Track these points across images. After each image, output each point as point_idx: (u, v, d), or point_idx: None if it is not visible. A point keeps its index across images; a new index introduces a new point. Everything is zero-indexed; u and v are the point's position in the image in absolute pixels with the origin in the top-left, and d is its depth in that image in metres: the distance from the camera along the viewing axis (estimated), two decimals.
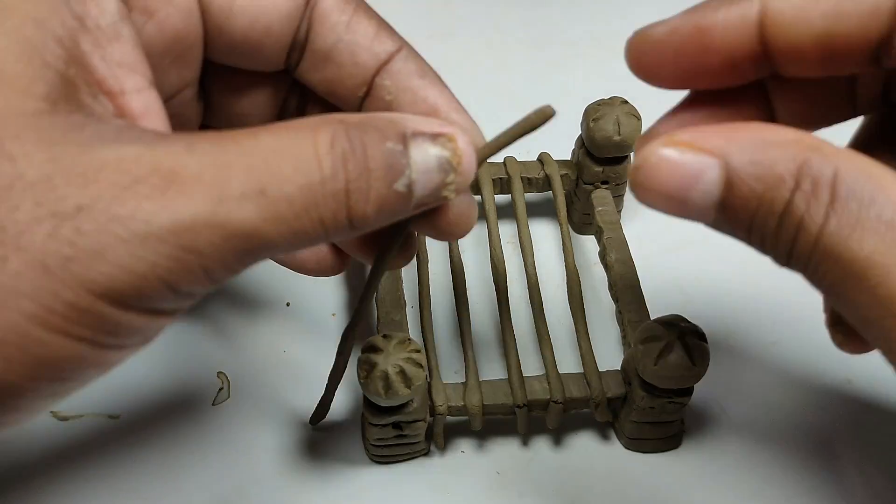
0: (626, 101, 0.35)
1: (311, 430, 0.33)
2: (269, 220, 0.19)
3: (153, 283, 0.18)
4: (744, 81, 0.22)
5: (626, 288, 0.33)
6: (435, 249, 0.37)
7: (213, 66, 0.25)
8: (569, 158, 0.38)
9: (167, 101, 0.24)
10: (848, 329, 0.26)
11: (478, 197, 0.37)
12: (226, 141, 0.19)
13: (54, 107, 0.18)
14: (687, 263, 0.38)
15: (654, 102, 0.41)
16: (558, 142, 0.39)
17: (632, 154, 0.36)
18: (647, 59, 0.24)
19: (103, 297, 0.17)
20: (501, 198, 0.38)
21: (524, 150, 0.40)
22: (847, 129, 0.26)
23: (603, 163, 0.36)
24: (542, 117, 0.24)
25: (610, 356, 0.35)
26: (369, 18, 0.25)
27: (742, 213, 0.20)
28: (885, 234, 0.18)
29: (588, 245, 0.39)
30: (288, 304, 0.36)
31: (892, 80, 0.23)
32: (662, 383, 0.29)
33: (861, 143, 0.25)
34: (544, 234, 0.39)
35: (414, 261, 0.34)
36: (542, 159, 0.37)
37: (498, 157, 0.38)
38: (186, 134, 0.19)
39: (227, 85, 0.26)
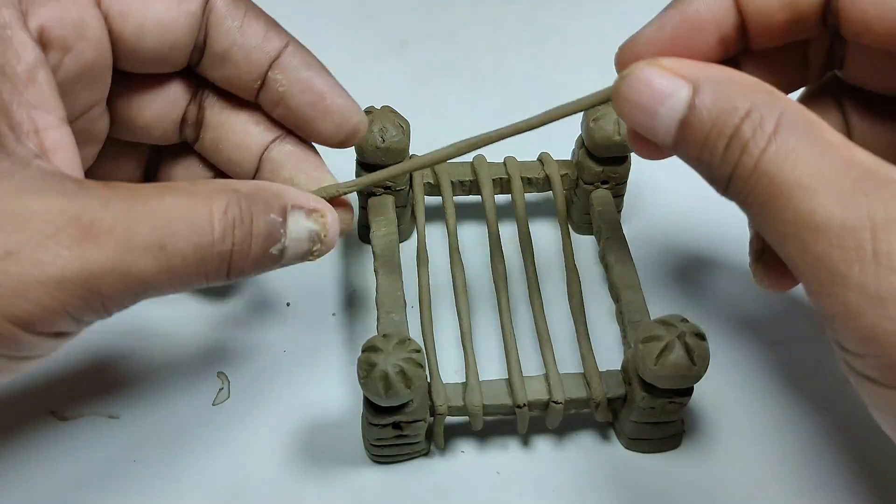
0: None
1: (311, 430, 0.33)
2: (163, 271, 0.22)
3: (62, 315, 0.21)
4: (726, 57, 0.26)
5: (626, 288, 0.33)
6: (435, 250, 0.37)
7: (118, 75, 0.27)
8: (569, 158, 0.38)
9: (77, 118, 0.26)
10: (769, 262, 0.28)
11: (478, 197, 0.37)
12: (136, 199, 0.22)
13: None
14: (687, 263, 0.38)
15: None
16: (558, 142, 0.39)
17: (631, 154, 0.36)
18: (644, 56, 0.25)
19: (19, 325, 0.21)
20: (501, 198, 0.38)
21: (524, 150, 0.40)
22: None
23: (603, 163, 0.36)
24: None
25: (610, 356, 0.35)
26: (258, 19, 0.28)
27: (697, 134, 0.23)
28: (813, 162, 0.21)
29: (588, 245, 0.39)
30: (288, 304, 0.36)
31: (832, 51, 0.27)
32: (662, 383, 0.29)
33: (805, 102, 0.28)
34: (544, 234, 0.39)
35: (414, 261, 0.34)
36: (542, 159, 0.37)
37: (498, 157, 0.38)
38: (102, 186, 0.22)
39: (131, 93, 0.29)
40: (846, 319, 0.22)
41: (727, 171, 0.23)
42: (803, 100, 0.29)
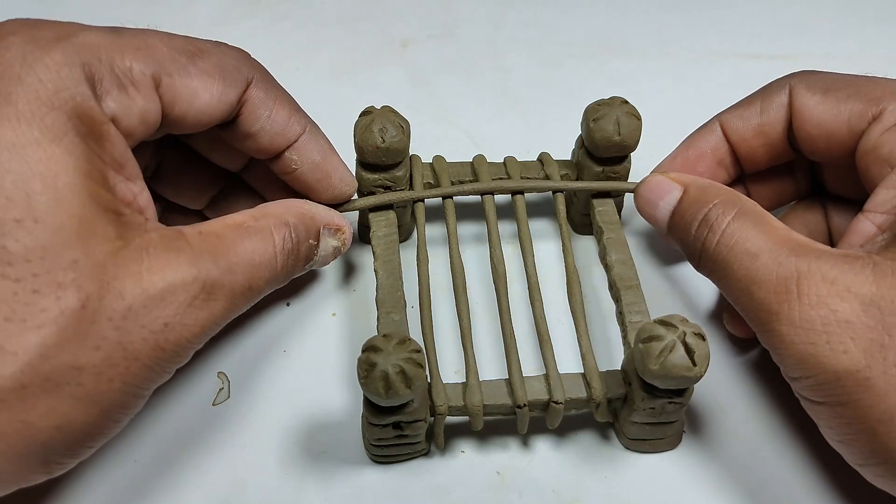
0: (626, 102, 0.35)
1: (311, 430, 0.33)
2: (249, 304, 0.29)
3: (199, 346, 0.27)
4: (729, 179, 0.36)
5: (626, 288, 0.34)
6: (435, 250, 0.37)
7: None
8: (569, 158, 0.38)
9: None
10: (733, 314, 0.35)
11: (478, 197, 0.37)
12: (227, 248, 0.27)
13: (123, 240, 0.25)
14: (687, 263, 0.38)
15: (653, 103, 0.41)
16: (558, 142, 0.39)
17: (631, 154, 0.36)
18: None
19: (167, 374, 0.27)
20: (501, 198, 0.38)
21: (524, 150, 0.40)
22: None
23: (603, 163, 0.36)
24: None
25: (610, 356, 0.35)
26: (284, 107, 0.32)
27: (681, 219, 0.32)
28: (759, 238, 0.29)
29: (588, 245, 0.39)
30: (288, 304, 0.36)
31: (812, 168, 0.37)
32: (663, 383, 0.29)
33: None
34: (544, 234, 0.39)
35: (414, 261, 0.34)
36: (542, 159, 0.37)
37: (498, 157, 0.38)
38: (201, 237, 0.27)
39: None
40: (782, 348, 0.28)
41: (698, 247, 0.31)
42: (795, 205, 0.37)
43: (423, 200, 0.36)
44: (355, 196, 0.35)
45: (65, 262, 0.24)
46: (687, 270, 0.38)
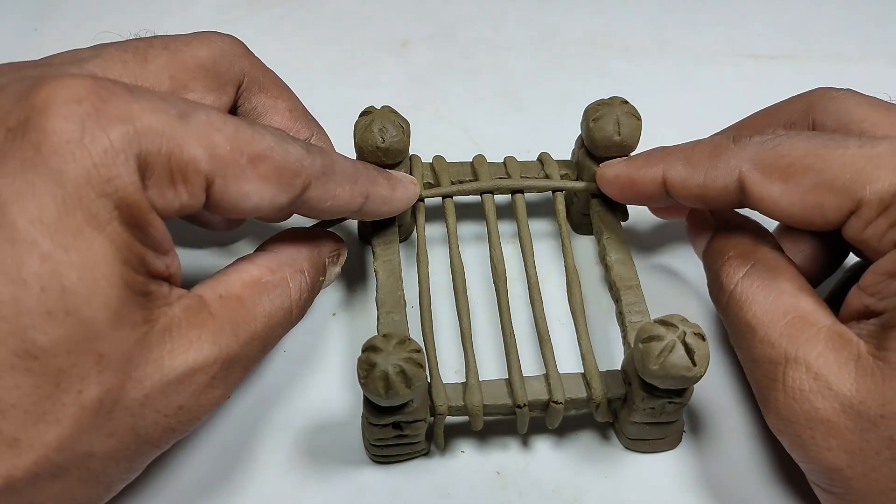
0: (626, 102, 0.35)
1: (311, 430, 0.33)
2: (259, 359, 0.29)
3: (210, 415, 0.27)
4: (663, 206, 0.36)
5: (626, 288, 0.33)
6: (435, 250, 0.37)
7: None
8: (569, 158, 0.38)
9: None
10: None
11: (478, 197, 0.37)
12: (247, 314, 0.27)
13: (149, 324, 0.24)
14: (687, 263, 0.38)
15: (654, 103, 0.41)
16: (558, 142, 0.39)
17: (631, 154, 0.36)
18: (606, 188, 0.35)
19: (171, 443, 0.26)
20: (502, 198, 0.38)
21: (524, 150, 0.40)
22: None
23: (603, 162, 0.36)
24: None
25: (610, 356, 0.35)
26: (345, 187, 0.30)
27: (705, 265, 0.33)
28: (761, 307, 0.29)
29: (588, 245, 0.39)
30: None
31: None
32: (662, 383, 0.29)
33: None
34: (544, 234, 0.39)
35: (414, 261, 0.34)
36: (542, 159, 0.37)
37: (498, 157, 0.38)
38: (222, 304, 0.27)
39: None
40: (774, 432, 0.29)
41: (716, 295, 0.32)
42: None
43: (422, 200, 0.36)
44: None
45: (92, 357, 0.23)
46: (687, 270, 0.38)
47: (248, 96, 0.32)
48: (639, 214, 0.40)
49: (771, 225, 0.34)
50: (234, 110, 0.33)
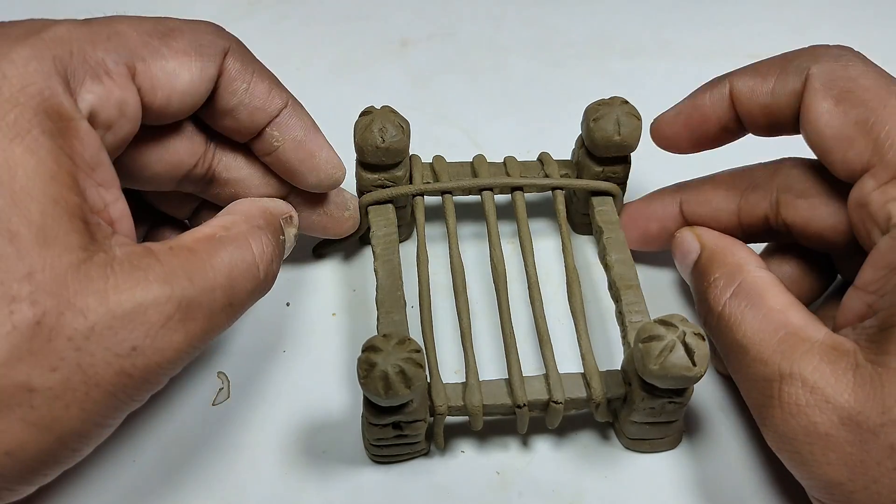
0: (627, 102, 0.35)
1: (311, 430, 0.33)
2: (231, 319, 0.27)
3: (165, 381, 0.25)
4: (729, 141, 0.34)
5: (626, 288, 0.33)
6: (435, 250, 0.37)
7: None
8: (569, 158, 0.38)
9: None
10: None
11: (478, 197, 0.37)
12: (203, 263, 0.25)
13: (87, 253, 0.23)
14: None
15: (654, 103, 0.41)
16: (558, 142, 0.39)
17: (631, 154, 0.36)
18: (666, 133, 0.34)
19: (138, 402, 0.25)
20: (501, 198, 0.38)
21: (524, 150, 0.40)
22: None
23: (603, 163, 0.36)
24: None
25: (610, 356, 0.35)
26: (263, 80, 0.30)
27: (694, 280, 0.33)
28: (751, 326, 0.29)
29: (588, 245, 0.39)
30: (288, 305, 0.36)
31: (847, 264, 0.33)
32: (663, 383, 0.29)
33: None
34: (544, 234, 0.39)
35: (414, 261, 0.34)
36: (542, 159, 0.37)
37: (498, 157, 0.38)
38: (172, 254, 0.25)
39: (142, 146, 0.31)
40: (773, 449, 0.29)
41: (704, 311, 0.32)
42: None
43: (422, 195, 0.36)
44: (354, 194, 0.35)
45: (19, 274, 0.22)
46: None
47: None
48: None
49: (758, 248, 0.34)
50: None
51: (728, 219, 0.34)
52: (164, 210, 0.34)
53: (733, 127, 0.33)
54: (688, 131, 0.33)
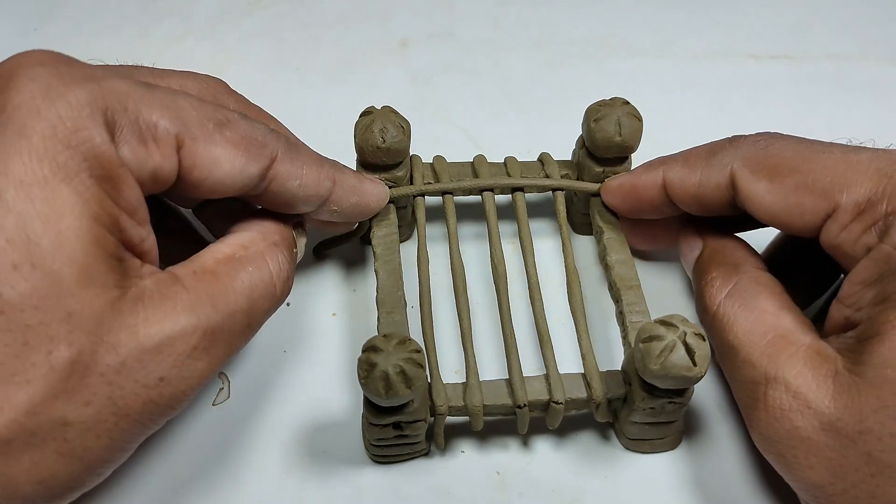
0: (628, 102, 0.35)
1: (311, 430, 0.33)
2: (248, 340, 0.28)
3: (196, 391, 0.26)
4: (665, 216, 0.35)
5: (626, 288, 0.33)
6: (435, 250, 0.37)
7: None
8: (569, 159, 0.38)
9: None
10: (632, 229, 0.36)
11: (478, 197, 0.37)
12: (224, 287, 0.26)
13: (121, 291, 0.24)
14: None
15: (654, 103, 0.41)
16: (558, 142, 0.39)
17: (632, 155, 0.36)
18: (609, 201, 0.36)
19: (159, 422, 0.26)
20: (502, 198, 0.38)
21: (525, 151, 0.40)
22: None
23: (603, 163, 0.36)
24: None
25: (610, 356, 0.35)
26: (311, 168, 0.30)
27: (696, 275, 0.33)
28: (743, 327, 0.30)
29: (588, 245, 0.39)
30: (288, 304, 0.36)
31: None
32: (663, 384, 0.29)
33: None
34: (544, 234, 0.39)
35: (414, 261, 0.34)
36: (543, 159, 0.37)
37: (498, 157, 0.38)
38: (196, 278, 0.26)
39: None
40: (763, 453, 0.29)
41: (700, 316, 0.32)
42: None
43: (423, 195, 0.36)
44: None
45: (60, 314, 0.22)
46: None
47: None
48: None
49: (762, 244, 0.34)
50: None
51: (692, 190, 0.33)
52: (172, 200, 0.34)
53: (668, 206, 0.34)
54: (626, 205, 0.35)
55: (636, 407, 0.30)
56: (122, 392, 0.24)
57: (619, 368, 0.32)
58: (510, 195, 0.37)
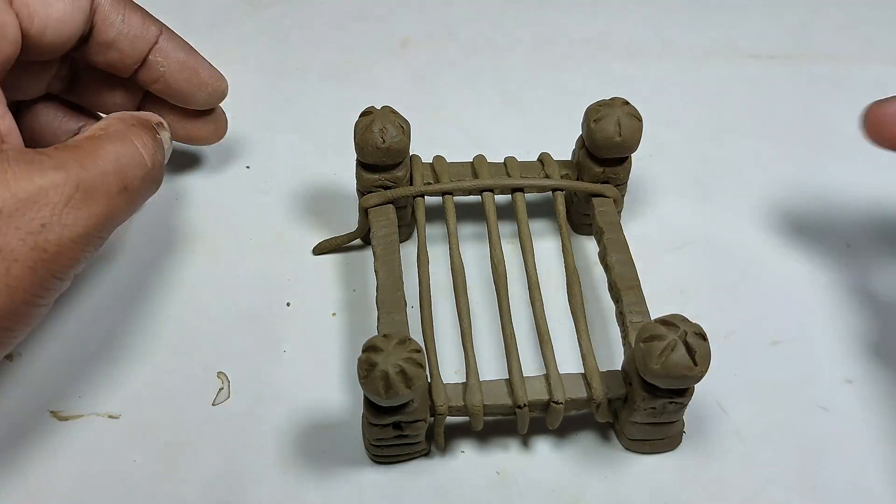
0: (627, 102, 0.35)
1: (311, 430, 0.33)
2: (130, 203, 0.29)
3: (84, 261, 0.28)
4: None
5: (626, 289, 0.33)
6: (435, 249, 0.37)
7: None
8: (569, 159, 0.38)
9: None
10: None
11: (478, 197, 0.37)
12: (93, 155, 0.28)
13: None
14: (687, 263, 0.38)
15: (654, 104, 0.41)
16: (558, 142, 0.39)
17: (632, 155, 0.36)
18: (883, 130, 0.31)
19: (59, 279, 0.27)
20: (502, 198, 0.38)
21: (524, 150, 0.40)
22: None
23: (603, 163, 0.36)
24: None
25: (610, 356, 0.35)
26: (135, 11, 0.33)
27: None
28: None
29: (588, 245, 0.39)
30: (288, 305, 0.36)
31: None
32: (663, 383, 0.29)
33: None
34: (544, 234, 0.39)
35: (414, 261, 0.34)
36: (543, 159, 0.37)
37: (498, 157, 0.38)
38: (59, 150, 0.28)
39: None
40: None
41: None
42: None
43: (423, 196, 0.36)
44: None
45: None
46: (687, 270, 0.38)
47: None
48: (640, 215, 0.40)
49: None
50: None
51: None
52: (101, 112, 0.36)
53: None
54: None
55: (637, 407, 0.30)
56: (6, 239, 0.26)
57: (620, 369, 0.32)
58: (510, 195, 0.37)
